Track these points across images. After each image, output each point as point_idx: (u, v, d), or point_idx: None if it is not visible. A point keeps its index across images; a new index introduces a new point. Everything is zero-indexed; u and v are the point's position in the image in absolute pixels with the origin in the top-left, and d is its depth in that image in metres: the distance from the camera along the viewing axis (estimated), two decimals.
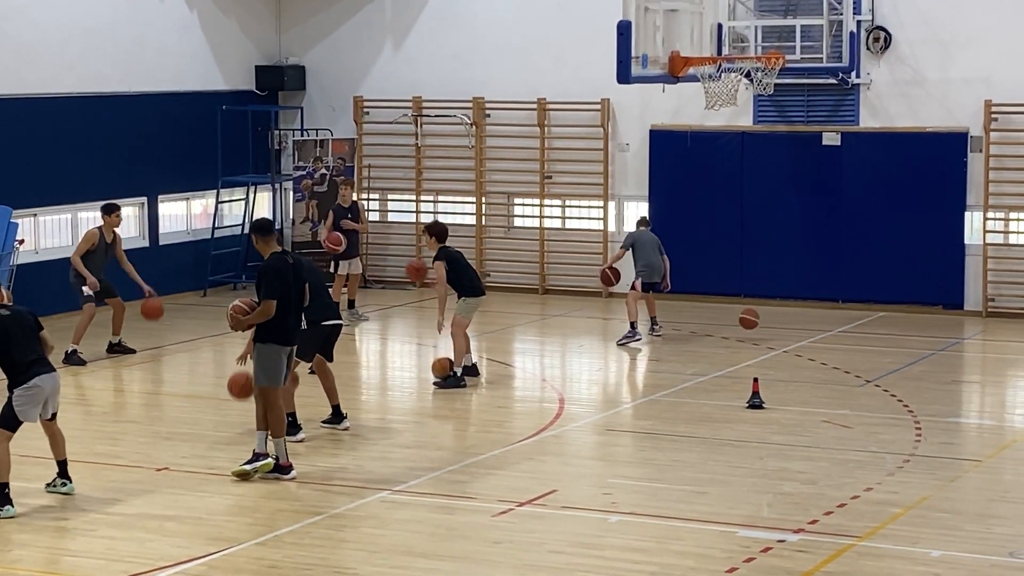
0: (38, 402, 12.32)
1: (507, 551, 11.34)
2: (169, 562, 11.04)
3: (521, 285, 24.81)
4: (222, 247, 24.64)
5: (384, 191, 25.89)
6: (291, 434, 14.37)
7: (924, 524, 11.98)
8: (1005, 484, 13.43)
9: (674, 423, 15.64)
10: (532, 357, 20.33)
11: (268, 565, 11.04)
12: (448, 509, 12.48)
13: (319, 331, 14.70)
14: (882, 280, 22.85)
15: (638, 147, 24.12)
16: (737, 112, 23.21)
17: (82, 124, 22.73)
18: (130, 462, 13.89)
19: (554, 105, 24.39)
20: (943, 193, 22.46)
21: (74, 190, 22.43)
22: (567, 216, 24.87)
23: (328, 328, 14.90)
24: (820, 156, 23.09)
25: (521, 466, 13.91)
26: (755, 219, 23.51)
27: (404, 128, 25.35)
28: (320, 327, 14.70)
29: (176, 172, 24.36)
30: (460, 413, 16.53)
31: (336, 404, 15.18)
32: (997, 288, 22.47)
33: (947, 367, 18.89)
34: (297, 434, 14.63)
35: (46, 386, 12.35)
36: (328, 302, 15.00)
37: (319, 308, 14.60)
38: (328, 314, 14.91)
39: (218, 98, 24.81)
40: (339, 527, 11.97)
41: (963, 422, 16.32)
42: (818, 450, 14.42)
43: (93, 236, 19.04)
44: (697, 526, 11.95)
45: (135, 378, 18.35)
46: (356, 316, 21.93)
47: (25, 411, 12.25)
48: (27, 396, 12.24)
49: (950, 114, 22.45)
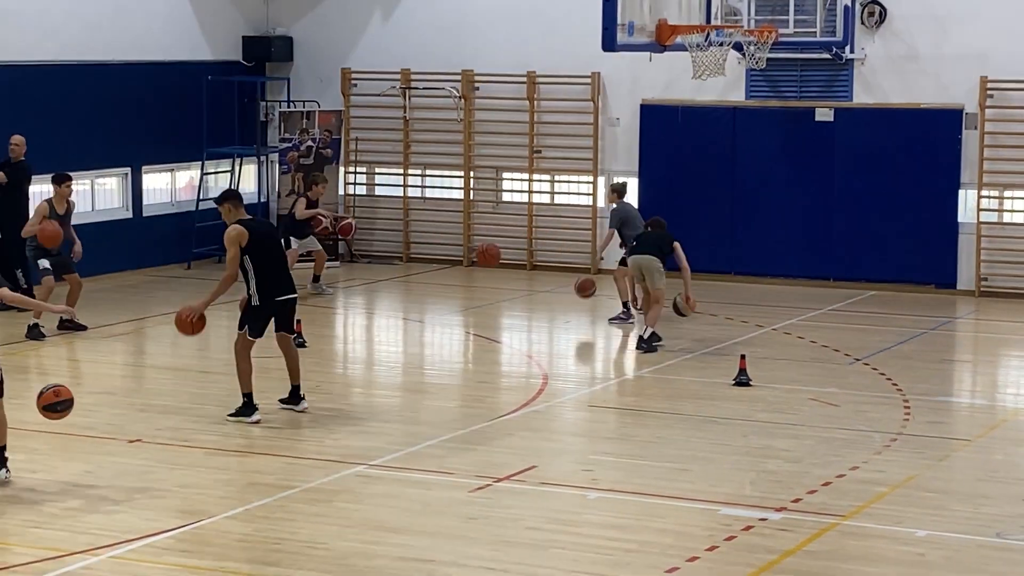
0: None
1: (482, 527, 11.10)
2: (136, 535, 10.79)
3: (509, 260, 24.51)
4: (207, 219, 24.29)
5: (371, 164, 25.61)
6: (295, 403, 14.53)
7: (910, 503, 11.75)
8: (994, 464, 13.20)
9: (658, 400, 15.41)
10: (518, 333, 20.08)
11: (237, 539, 10.80)
12: (424, 484, 12.23)
13: (271, 306, 14.26)
14: (874, 258, 22.62)
15: (628, 122, 23.84)
16: (729, 87, 22.95)
17: (64, 93, 22.43)
18: (102, 434, 13.63)
19: (544, 78, 24.11)
20: (937, 170, 22.21)
21: (57, 160, 22.08)
22: (556, 191, 24.60)
23: (280, 303, 14.37)
24: (813, 132, 22.82)
25: (501, 441, 13.67)
26: (746, 195, 23.26)
27: (392, 101, 25.07)
28: (273, 302, 14.26)
29: (161, 143, 24.08)
30: (442, 388, 16.29)
31: (296, 385, 14.70)
32: (990, 267, 22.23)
33: (938, 346, 18.66)
34: (300, 404, 14.57)
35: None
36: (284, 276, 14.45)
37: (273, 282, 14.22)
38: (282, 289, 14.39)
39: (204, 68, 24.51)
40: (312, 501, 11.72)
41: (953, 401, 16.10)
42: (804, 428, 14.18)
43: (43, 209, 18.68)
44: (678, 503, 11.71)
45: (116, 350, 18.09)
46: (321, 290, 21.68)
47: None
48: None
49: (945, 90, 22.19)
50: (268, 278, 14.09)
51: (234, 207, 14.12)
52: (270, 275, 14.12)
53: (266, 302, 14.14)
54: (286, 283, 14.40)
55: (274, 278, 14.19)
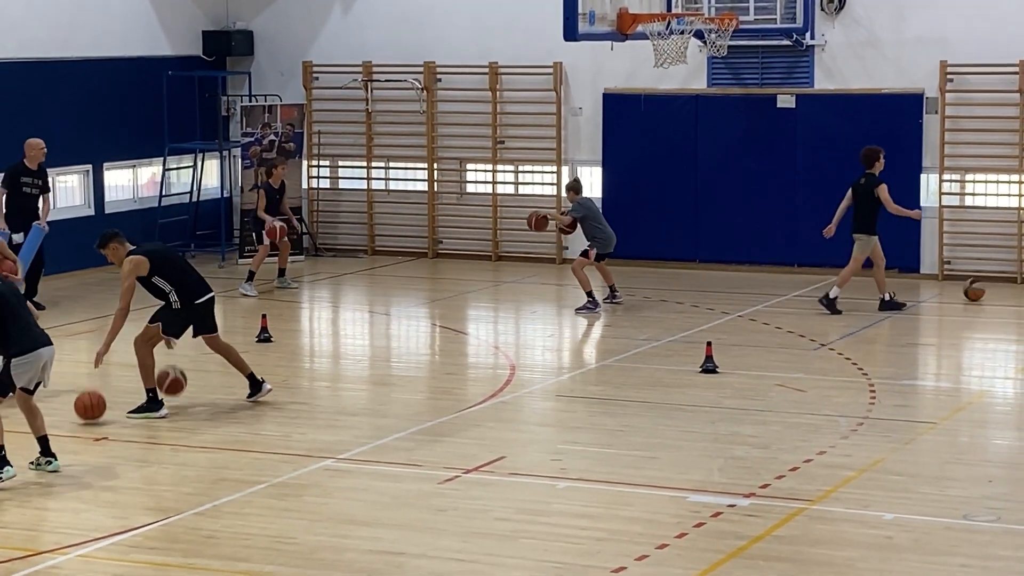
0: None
1: (452, 518, 11.09)
2: (103, 533, 10.75)
3: (474, 252, 24.53)
4: (169, 215, 24.24)
5: (334, 157, 25.54)
6: (259, 391, 14.67)
7: (877, 487, 11.79)
8: (960, 447, 13.27)
9: (626, 388, 15.42)
10: (485, 324, 20.06)
11: (206, 535, 10.76)
12: (393, 477, 12.22)
13: (193, 310, 14.42)
14: (838, 244, 22.59)
15: (591, 111, 23.83)
16: (691, 75, 22.98)
17: (24, 90, 22.27)
18: (68, 432, 13.55)
19: (506, 69, 24.08)
20: (898, 155, 22.22)
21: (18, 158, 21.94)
22: (520, 182, 24.58)
23: (201, 306, 14.51)
24: (775, 119, 22.87)
25: (469, 433, 13.66)
26: (709, 183, 23.29)
27: (354, 93, 25.00)
28: (194, 306, 14.42)
29: (122, 139, 23.95)
30: (410, 381, 16.27)
31: (250, 374, 14.75)
32: (953, 251, 22.32)
33: (902, 330, 18.73)
34: (264, 388, 14.72)
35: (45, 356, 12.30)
36: (195, 279, 14.56)
37: (191, 288, 14.41)
38: (198, 291, 14.52)
39: (164, 63, 24.39)
40: (281, 496, 11.69)
41: (918, 385, 16.17)
42: (771, 414, 14.22)
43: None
44: (646, 491, 11.72)
45: (79, 347, 17.97)
46: (286, 284, 21.62)
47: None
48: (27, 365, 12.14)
49: (905, 75, 22.26)
50: (186, 286, 14.38)
51: (119, 244, 14.32)
52: (188, 283, 14.41)
53: (187, 306, 14.34)
54: (202, 285, 14.58)
55: (191, 284, 14.44)
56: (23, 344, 12.18)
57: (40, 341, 12.29)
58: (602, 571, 9.88)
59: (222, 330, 15.05)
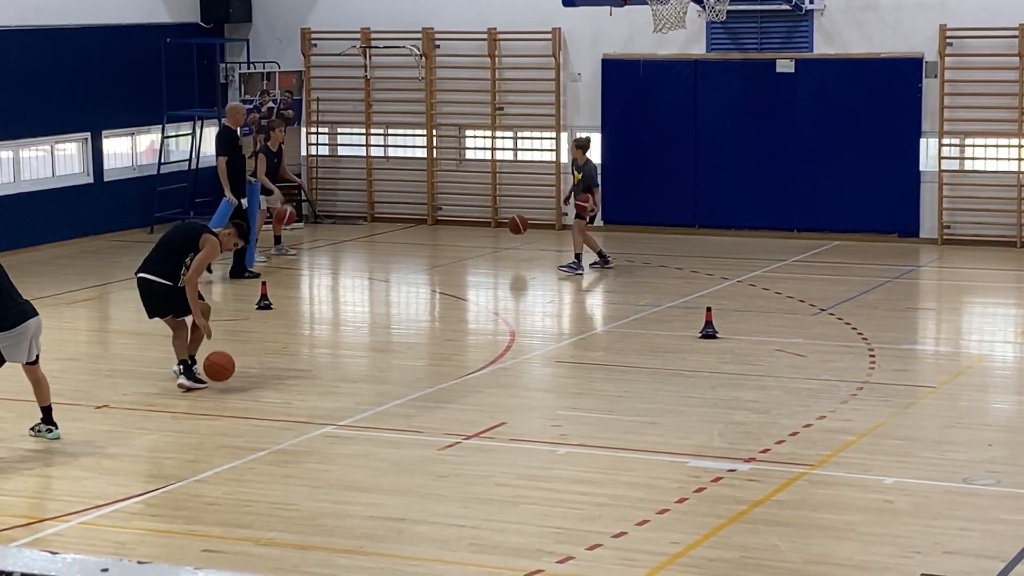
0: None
1: (452, 484, 11.11)
2: (105, 500, 10.76)
3: (473, 218, 24.51)
4: (168, 183, 24.23)
5: (333, 124, 25.50)
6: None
7: (877, 451, 11.81)
8: (959, 410, 13.27)
9: (626, 354, 15.42)
10: (484, 290, 20.06)
11: (207, 502, 10.78)
12: (393, 443, 12.23)
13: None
14: (837, 209, 22.67)
15: (590, 77, 23.78)
16: (690, 40, 22.93)
17: (22, 58, 22.22)
18: (69, 400, 13.54)
19: (505, 35, 24.02)
20: (898, 120, 22.25)
21: (15, 126, 21.96)
22: (519, 148, 24.55)
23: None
24: (774, 84, 22.83)
25: (469, 399, 13.67)
26: (709, 148, 23.26)
27: (353, 60, 24.95)
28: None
29: (120, 107, 23.90)
30: (410, 347, 16.28)
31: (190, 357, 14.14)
32: (953, 215, 22.32)
33: (902, 295, 18.74)
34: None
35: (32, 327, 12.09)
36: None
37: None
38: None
39: (162, 31, 24.32)
40: (282, 463, 11.71)
41: (918, 349, 16.18)
42: (771, 379, 14.23)
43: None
44: (647, 457, 11.74)
45: (79, 316, 18.00)
46: (284, 251, 21.60)
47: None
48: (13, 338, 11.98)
49: (904, 40, 22.21)
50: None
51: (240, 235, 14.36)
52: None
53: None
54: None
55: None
56: (7, 319, 11.93)
57: (25, 315, 12.02)
58: (603, 536, 9.90)
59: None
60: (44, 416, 12.30)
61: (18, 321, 11.96)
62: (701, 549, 9.68)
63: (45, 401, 12.29)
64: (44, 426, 12.29)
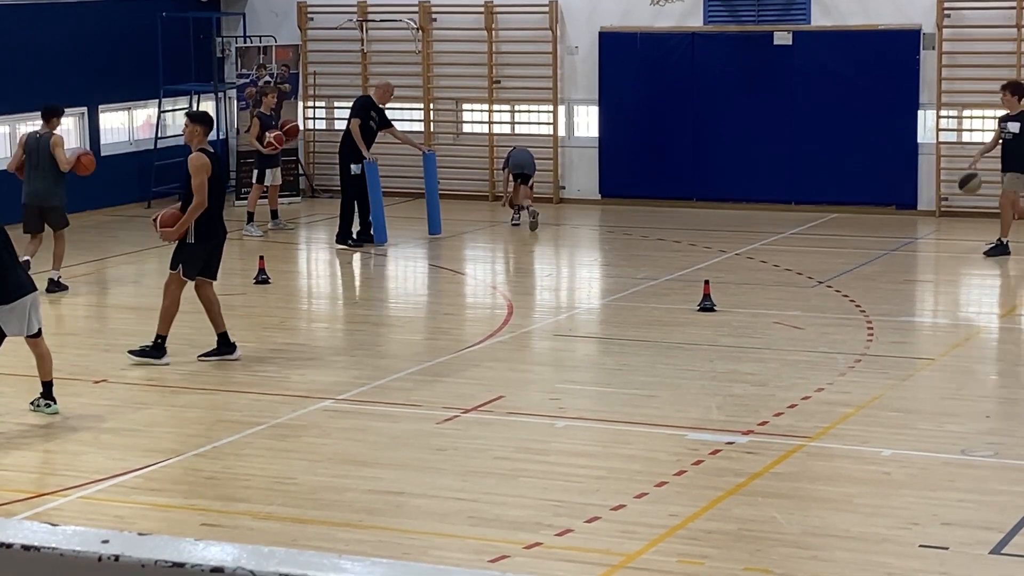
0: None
1: (451, 458, 11.13)
2: (104, 475, 10.78)
3: (471, 192, 24.48)
4: (165, 157, 24.17)
5: (330, 99, 25.45)
6: (229, 353, 14.01)
7: (875, 423, 11.82)
8: (957, 382, 13.29)
9: (624, 327, 15.43)
10: (482, 264, 20.06)
11: (206, 476, 10.80)
12: (392, 417, 12.25)
13: (207, 247, 13.83)
14: (835, 181, 22.64)
15: (587, 50, 23.73)
16: (687, 12, 22.87)
17: (17, 33, 22.16)
18: (67, 374, 13.51)
19: (502, 8, 23.96)
20: (895, 92, 22.21)
21: (12, 101, 21.90)
22: (516, 121, 24.51)
23: (214, 245, 13.89)
24: (771, 56, 22.78)
25: (467, 373, 13.69)
26: (706, 121, 23.22)
27: (349, 34, 24.89)
28: (208, 243, 13.79)
29: (117, 81, 23.84)
30: (407, 321, 16.28)
31: (223, 332, 14.08)
32: (950, 187, 22.27)
33: (900, 267, 18.74)
34: (234, 352, 14.11)
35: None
36: (221, 218, 13.94)
37: (214, 224, 13.82)
38: (220, 231, 13.95)
39: (158, 4, 24.23)
40: (280, 437, 11.72)
41: (916, 321, 16.20)
42: (769, 352, 14.24)
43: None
44: (645, 429, 11.75)
45: (77, 291, 17.98)
46: (280, 225, 21.58)
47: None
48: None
49: (902, 11, 22.16)
50: (212, 218, 13.79)
51: (204, 132, 13.96)
52: (214, 215, 13.82)
53: (202, 243, 13.79)
54: (222, 225, 14.04)
55: (216, 219, 13.85)
56: (4, 293, 11.83)
57: (23, 288, 11.92)
58: (601, 509, 9.92)
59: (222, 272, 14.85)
60: (44, 391, 12.29)
61: (15, 296, 11.91)
62: (699, 521, 9.70)
63: (47, 376, 12.27)
64: (43, 401, 12.28)
